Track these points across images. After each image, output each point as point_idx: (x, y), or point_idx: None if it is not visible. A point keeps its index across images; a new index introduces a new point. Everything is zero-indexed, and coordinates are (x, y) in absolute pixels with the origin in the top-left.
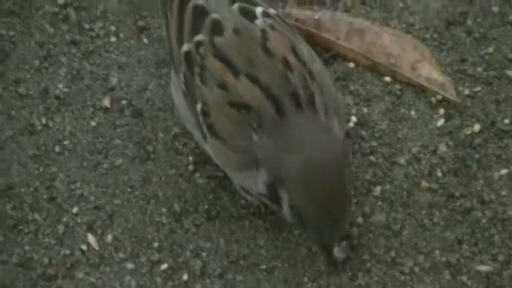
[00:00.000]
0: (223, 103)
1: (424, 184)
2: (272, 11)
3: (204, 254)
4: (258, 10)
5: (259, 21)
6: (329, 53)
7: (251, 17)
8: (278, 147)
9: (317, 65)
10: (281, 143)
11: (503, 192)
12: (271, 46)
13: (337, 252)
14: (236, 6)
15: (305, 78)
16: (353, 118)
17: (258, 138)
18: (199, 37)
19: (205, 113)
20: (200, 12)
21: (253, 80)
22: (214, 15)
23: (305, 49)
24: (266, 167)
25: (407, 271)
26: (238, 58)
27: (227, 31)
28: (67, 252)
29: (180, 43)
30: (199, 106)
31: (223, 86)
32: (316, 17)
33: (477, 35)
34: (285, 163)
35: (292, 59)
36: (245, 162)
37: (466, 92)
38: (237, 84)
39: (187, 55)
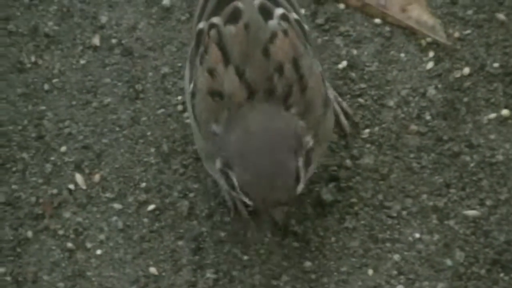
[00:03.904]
0: (206, 89)
1: (413, 127)
2: (294, 15)
3: (191, 195)
4: (278, 11)
5: (273, 23)
6: None
7: (268, 16)
8: (230, 133)
9: (311, 80)
10: (235, 130)
11: (492, 136)
12: (272, 50)
13: (325, 194)
14: (258, 1)
15: (292, 88)
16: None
17: (219, 129)
18: (215, 19)
19: (193, 94)
20: None
21: (239, 72)
22: (237, 4)
23: (307, 62)
24: (220, 153)
25: (394, 214)
26: (236, 51)
27: (239, 23)
28: (55, 191)
29: (199, 20)
30: (191, 86)
31: (211, 72)
32: None
33: None
34: (231, 143)
35: (288, 68)
36: (210, 152)
37: (456, 34)
38: (224, 73)
39: (199, 32)
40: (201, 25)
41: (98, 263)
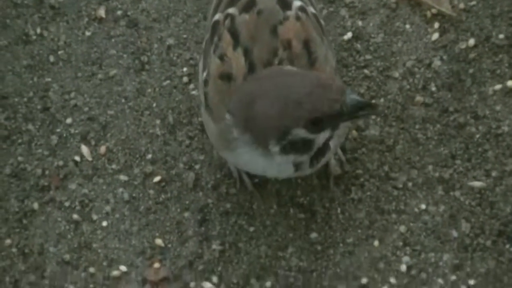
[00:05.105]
0: (217, 74)
1: (418, 98)
2: (311, 9)
3: (197, 166)
4: (296, 3)
5: (290, 12)
6: None
7: (286, 7)
8: (243, 97)
9: (326, 68)
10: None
11: (497, 107)
12: (281, 29)
13: (333, 167)
14: None
15: (301, 64)
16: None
17: (231, 106)
18: (230, 10)
19: (206, 82)
20: None
21: (247, 52)
22: None
23: (322, 50)
24: (239, 125)
25: (400, 186)
26: (245, 34)
27: (253, 11)
28: (60, 163)
29: (215, 12)
30: (204, 74)
31: (221, 57)
32: None
33: None
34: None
35: (297, 45)
36: (222, 134)
37: (461, 6)
38: (233, 56)
39: (215, 24)
40: (217, 16)
41: (104, 234)
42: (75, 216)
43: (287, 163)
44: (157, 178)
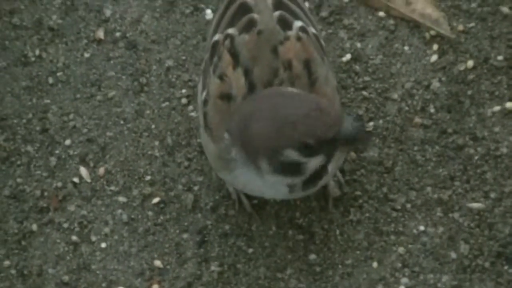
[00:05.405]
0: (216, 94)
1: (417, 120)
2: (312, 29)
3: (196, 188)
4: (297, 24)
5: (291, 33)
6: None
7: (286, 27)
8: (241, 116)
9: (327, 89)
10: (245, 108)
11: (496, 129)
12: (281, 49)
13: (332, 189)
14: (277, 13)
15: (302, 84)
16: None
17: (230, 125)
18: (230, 30)
19: (205, 102)
20: (244, 9)
21: (247, 72)
22: (255, 15)
23: (323, 70)
24: (236, 144)
25: (399, 207)
26: (245, 54)
27: (253, 31)
28: (59, 184)
29: (215, 32)
30: (204, 94)
31: (221, 77)
32: None
33: None
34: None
35: (297, 65)
36: (221, 154)
37: (460, 27)
38: (232, 75)
39: (215, 44)
40: (217, 37)
41: (103, 256)
42: (74, 237)
43: (280, 184)
44: (156, 200)
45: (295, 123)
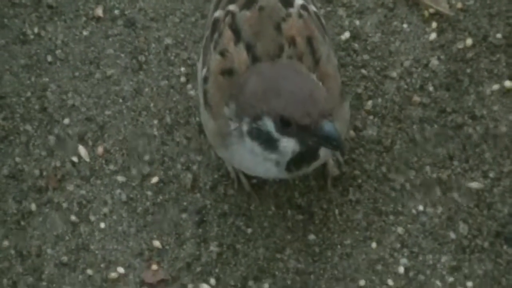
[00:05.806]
0: (218, 70)
1: (416, 98)
2: (312, 7)
3: (195, 167)
4: (298, 1)
5: (292, 10)
6: None
7: (288, 4)
8: (245, 87)
9: (329, 67)
10: (249, 80)
11: (495, 108)
12: (284, 26)
13: (331, 168)
14: None
15: (305, 61)
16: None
17: (232, 102)
18: (231, 7)
19: (205, 79)
20: None
21: (249, 47)
22: None
23: (325, 49)
24: (242, 116)
25: (398, 187)
26: (247, 30)
27: (254, 7)
28: (58, 164)
29: (216, 9)
30: (204, 71)
31: (222, 53)
32: None
33: None
34: (251, 91)
35: (301, 42)
36: (221, 131)
37: (459, 5)
38: (234, 51)
39: (216, 21)
40: (218, 13)
41: (101, 236)
42: (72, 217)
43: (266, 160)
44: (154, 179)
45: (282, 95)
